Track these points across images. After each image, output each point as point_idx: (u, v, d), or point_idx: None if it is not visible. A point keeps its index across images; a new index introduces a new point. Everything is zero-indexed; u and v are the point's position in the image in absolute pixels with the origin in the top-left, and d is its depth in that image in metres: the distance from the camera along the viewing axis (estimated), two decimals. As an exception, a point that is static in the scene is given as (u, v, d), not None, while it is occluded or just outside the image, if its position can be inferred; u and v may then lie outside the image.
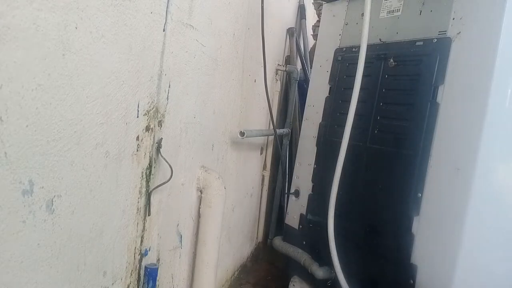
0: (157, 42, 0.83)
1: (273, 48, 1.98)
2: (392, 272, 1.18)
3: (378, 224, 1.25)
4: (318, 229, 1.46)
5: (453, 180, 1.05)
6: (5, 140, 0.49)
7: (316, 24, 2.40)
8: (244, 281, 1.91)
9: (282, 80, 2.22)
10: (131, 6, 0.71)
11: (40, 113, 0.54)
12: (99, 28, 0.64)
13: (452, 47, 1.11)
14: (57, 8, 0.54)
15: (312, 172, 1.56)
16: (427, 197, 1.11)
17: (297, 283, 1.59)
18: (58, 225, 0.61)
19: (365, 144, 1.32)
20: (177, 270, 1.16)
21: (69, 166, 0.62)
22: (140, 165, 0.84)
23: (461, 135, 1.05)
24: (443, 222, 1.06)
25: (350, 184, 1.33)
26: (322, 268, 1.42)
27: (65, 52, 0.57)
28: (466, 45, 1.09)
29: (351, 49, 1.44)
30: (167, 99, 0.92)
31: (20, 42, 0.49)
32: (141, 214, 0.88)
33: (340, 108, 1.40)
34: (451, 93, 1.10)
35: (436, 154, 1.10)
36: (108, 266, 0.78)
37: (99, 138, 0.68)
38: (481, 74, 1.02)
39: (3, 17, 0.46)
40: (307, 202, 1.58)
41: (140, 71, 0.78)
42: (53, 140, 0.57)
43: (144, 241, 0.91)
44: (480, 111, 1.01)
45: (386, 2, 1.33)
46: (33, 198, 0.55)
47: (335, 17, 1.57)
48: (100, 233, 0.74)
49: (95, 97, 0.66)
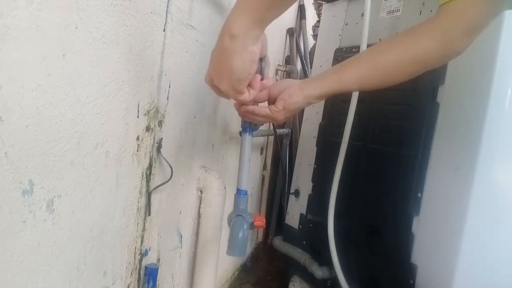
0: (157, 42, 0.83)
1: (273, 48, 1.98)
2: (392, 272, 1.18)
3: (378, 224, 1.25)
4: (318, 229, 1.46)
5: (453, 180, 1.05)
6: (5, 140, 0.49)
7: (316, 24, 2.40)
8: (244, 281, 1.91)
9: (282, 80, 2.22)
10: (131, 6, 0.72)
11: (40, 113, 0.54)
12: (99, 28, 0.64)
13: (452, 47, 1.11)
14: (57, 8, 0.54)
15: (312, 172, 1.56)
16: (427, 197, 1.11)
17: (297, 283, 1.59)
18: (58, 225, 0.61)
19: (365, 144, 1.32)
20: (177, 270, 1.16)
21: (69, 166, 0.62)
22: (140, 165, 0.84)
23: (461, 135, 1.05)
24: (443, 222, 1.06)
25: (350, 184, 1.33)
26: (322, 268, 1.42)
27: (65, 52, 0.57)
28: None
29: (351, 49, 1.44)
30: (167, 99, 0.92)
31: (20, 42, 0.49)
32: (141, 214, 0.88)
33: (340, 108, 1.40)
34: (451, 93, 1.10)
35: (436, 154, 1.10)
36: (108, 266, 0.78)
37: (99, 138, 0.68)
38: (482, 74, 1.02)
39: (3, 17, 0.46)
40: (307, 202, 1.58)
41: (140, 71, 0.79)
42: (53, 140, 0.57)
43: (144, 241, 0.91)
44: (480, 111, 1.01)
45: (386, 2, 1.33)
46: (33, 198, 0.55)
47: (335, 17, 1.57)
48: (100, 233, 0.74)
49: (95, 97, 0.66)
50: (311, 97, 0.73)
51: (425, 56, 0.70)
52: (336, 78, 0.73)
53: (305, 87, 0.73)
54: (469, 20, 0.67)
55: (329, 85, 0.73)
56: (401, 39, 0.72)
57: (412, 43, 0.70)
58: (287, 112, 0.75)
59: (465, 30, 0.68)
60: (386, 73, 0.73)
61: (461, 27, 0.67)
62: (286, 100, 0.73)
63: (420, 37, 0.70)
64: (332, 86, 0.73)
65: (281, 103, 0.73)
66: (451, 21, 0.68)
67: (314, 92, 0.73)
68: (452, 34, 0.68)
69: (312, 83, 0.74)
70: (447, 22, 0.68)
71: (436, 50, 0.69)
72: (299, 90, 0.73)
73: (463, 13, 0.67)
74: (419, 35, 0.70)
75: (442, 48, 0.69)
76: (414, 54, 0.70)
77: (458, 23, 0.67)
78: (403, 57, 0.71)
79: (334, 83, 0.73)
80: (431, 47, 0.69)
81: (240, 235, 0.79)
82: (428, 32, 0.69)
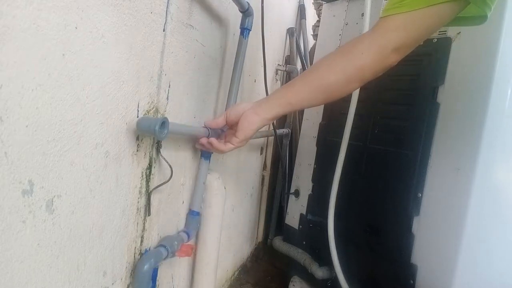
0: (157, 42, 0.83)
1: (273, 48, 1.98)
2: (392, 272, 1.18)
3: (378, 224, 1.25)
4: (318, 229, 1.46)
5: (453, 180, 1.05)
6: (5, 140, 0.49)
7: (316, 24, 2.40)
8: (244, 281, 1.91)
9: (282, 80, 2.23)
10: (131, 6, 0.71)
11: (40, 113, 0.54)
12: (99, 28, 0.64)
13: (452, 47, 1.11)
14: (57, 8, 0.54)
15: (312, 172, 1.56)
16: (427, 197, 1.11)
17: (297, 283, 1.59)
18: (58, 225, 0.61)
19: (365, 144, 1.32)
20: (177, 270, 1.16)
21: (69, 166, 0.62)
22: (140, 165, 0.84)
23: (461, 135, 1.05)
24: (443, 222, 1.06)
25: (350, 184, 1.33)
26: (322, 268, 1.42)
27: (65, 52, 0.57)
28: (467, 45, 1.09)
29: (351, 49, 1.44)
30: (167, 99, 0.92)
31: (20, 42, 0.49)
32: (141, 214, 0.88)
33: (340, 108, 1.40)
34: (451, 93, 1.10)
35: (436, 154, 1.11)
36: (108, 266, 0.78)
37: (99, 138, 0.68)
38: (482, 74, 1.02)
39: (3, 17, 0.46)
40: (307, 202, 1.58)
41: (140, 71, 0.78)
42: (53, 140, 0.57)
43: (144, 241, 0.91)
44: (480, 111, 1.01)
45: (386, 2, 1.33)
46: (33, 198, 0.55)
47: (335, 17, 1.57)
48: (100, 233, 0.74)
49: (95, 97, 0.65)
50: (265, 119, 0.86)
51: (362, 74, 0.76)
52: (285, 101, 0.84)
53: (260, 112, 0.85)
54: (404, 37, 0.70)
55: (281, 108, 0.85)
56: (339, 59, 0.78)
57: (348, 63, 0.76)
58: (248, 137, 0.88)
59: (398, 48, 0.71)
60: (329, 93, 0.80)
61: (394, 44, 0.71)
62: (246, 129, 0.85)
63: (356, 57, 0.74)
64: (283, 109, 0.85)
65: (242, 134, 0.86)
66: (387, 37, 0.71)
67: (267, 115, 0.85)
68: (387, 51, 0.71)
69: (266, 107, 0.85)
70: (383, 38, 0.71)
71: (371, 67, 0.74)
72: (255, 115, 0.85)
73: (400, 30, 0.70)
74: (355, 55, 0.75)
75: (377, 64, 0.74)
76: (351, 73, 0.76)
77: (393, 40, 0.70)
78: (342, 77, 0.77)
79: (284, 106, 0.84)
80: (367, 65, 0.74)
81: (145, 267, 0.84)
82: (364, 50, 0.73)
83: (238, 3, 1.13)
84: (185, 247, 0.98)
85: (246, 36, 1.22)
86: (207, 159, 1.11)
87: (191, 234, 1.07)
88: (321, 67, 0.80)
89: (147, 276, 0.84)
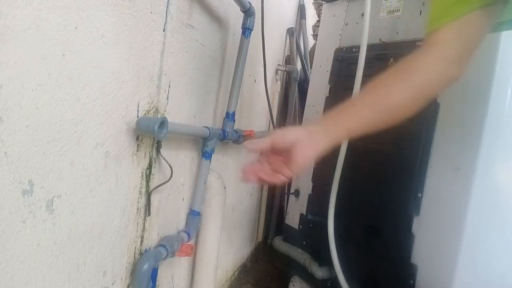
0: (157, 42, 0.83)
1: (273, 48, 1.98)
2: (392, 272, 1.18)
3: (378, 224, 1.25)
4: (318, 229, 1.46)
5: (453, 180, 1.05)
6: (5, 140, 0.49)
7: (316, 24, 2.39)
8: (244, 281, 1.91)
9: (282, 80, 2.22)
10: (131, 6, 0.71)
11: (40, 113, 0.54)
12: (99, 28, 0.64)
13: (452, 47, 1.11)
14: (57, 8, 0.54)
15: (312, 172, 1.56)
16: (427, 197, 1.11)
17: (297, 283, 1.59)
18: (58, 225, 0.61)
19: (365, 144, 1.32)
20: (177, 270, 1.16)
21: (69, 166, 0.62)
22: (140, 165, 0.84)
23: (461, 135, 1.05)
24: (443, 222, 1.06)
25: (350, 184, 1.32)
26: (322, 268, 1.42)
27: (65, 52, 0.57)
28: (466, 45, 1.08)
29: (351, 49, 1.44)
30: (167, 99, 0.92)
31: (20, 42, 0.49)
32: (141, 214, 0.88)
33: (340, 108, 1.40)
34: (451, 93, 1.09)
35: (436, 154, 1.10)
36: (108, 266, 0.78)
37: (99, 138, 0.68)
38: (482, 74, 1.02)
39: (3, 17, 0.46)
40: (307, 202, 1.58)
41: (140, 71, 0.78)
42: (53, 140, 0.57)
43: (144, 241, 0.91)
44: (480, 111, 1.01)
45: (386, 2, 1.33)
46: (33, 198, 0.55)
47: (335, 17, 1.57)
48: (100, 233, 0.74)
49: (95, 97, 0.65)
50: (324, 151, 0.75)
51: (430, 89, 0.72)
52: (342, 128, 0.74)
53: (318, 142, 0.73)
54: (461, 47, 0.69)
55: (339, 137, 0.76)
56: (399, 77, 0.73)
57: (413, 80, 0.71)
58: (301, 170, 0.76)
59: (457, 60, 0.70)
60: (392, 114, 0.74)
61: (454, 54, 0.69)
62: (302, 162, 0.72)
63: (418, 72, 0.71)
64: (342, 137, 0.76)
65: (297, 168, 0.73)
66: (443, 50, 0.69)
67: (326, 147, 0.74)
68: (447, 61, 0.69)
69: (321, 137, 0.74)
70: (440, 51, 0.70)
71: (438, 80, 0.71)
72: (311, 149, 0.73)
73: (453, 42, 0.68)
74: (417, 70, 0.71)
75: (443, 77, 0.71)
76: (418, 90, 0.71)
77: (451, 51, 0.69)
78: (408, 95, 0.72)
79: (341, 133, 0.75)
80: (432, 79, 0.70)
81: (145, 267, 0.84)
82: (424, 66, 0.71)
83: (239, 2, 1.13)
84: (185, 247, 0.98)
85: (248, 36, 1.22)
86: (208, 158, 1.11)
87: (191, 234, 1.07)
88: (378, 89, 0.74)
89: (147, 276, 0.83)
